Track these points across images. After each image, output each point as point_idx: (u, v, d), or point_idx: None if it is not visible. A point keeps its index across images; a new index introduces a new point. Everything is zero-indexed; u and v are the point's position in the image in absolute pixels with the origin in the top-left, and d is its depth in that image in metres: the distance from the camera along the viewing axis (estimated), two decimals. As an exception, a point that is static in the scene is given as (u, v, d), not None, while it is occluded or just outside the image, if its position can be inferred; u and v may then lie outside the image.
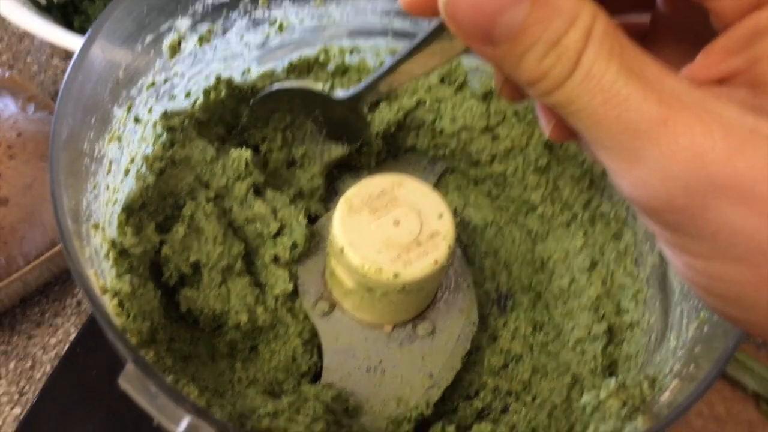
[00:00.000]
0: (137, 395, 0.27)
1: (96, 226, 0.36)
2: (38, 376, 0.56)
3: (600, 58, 0.23)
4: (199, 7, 0.43)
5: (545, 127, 0.31)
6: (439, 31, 0.31)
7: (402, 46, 0.44)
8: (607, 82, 0.23)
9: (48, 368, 0.56)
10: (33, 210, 0.56)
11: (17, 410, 0.54)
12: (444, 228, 0.42)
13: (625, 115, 0.23)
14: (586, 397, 0.35)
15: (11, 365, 0.57)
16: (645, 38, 0.30)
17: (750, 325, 0.26)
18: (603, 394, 0.35)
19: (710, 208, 0.23)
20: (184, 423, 0.27)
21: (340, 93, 0.44)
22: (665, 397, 0.32)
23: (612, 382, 0.35)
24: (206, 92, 0.47)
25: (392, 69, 0.36)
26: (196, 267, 0.44)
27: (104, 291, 0.34)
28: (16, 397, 0.55)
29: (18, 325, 0.59)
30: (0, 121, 0.62)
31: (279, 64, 0.50)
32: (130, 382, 0.27)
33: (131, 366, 0.28)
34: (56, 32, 0.61)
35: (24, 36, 0.76)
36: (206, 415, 0.27)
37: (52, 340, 0.58)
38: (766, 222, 0.23)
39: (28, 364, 0.57)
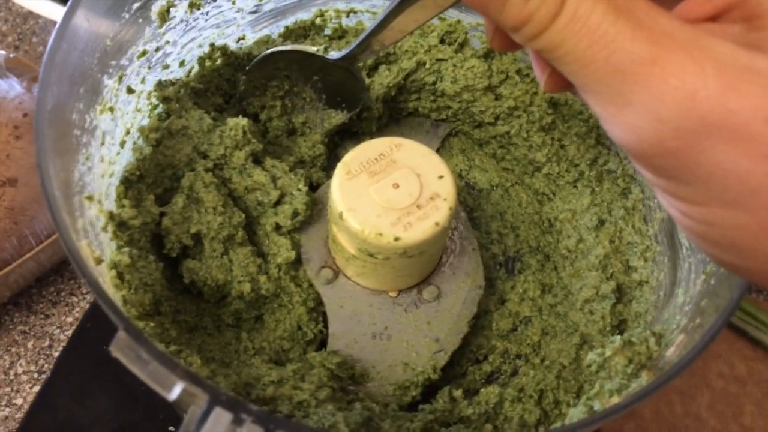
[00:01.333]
0: (129, 362, 0.27)
1: (90, 198, 0.36)
2: (56, 354, 0.56)
3: None
4: (186, -29, 0.42)
5: (540, 78, 0.30)
6: None
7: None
8: (594, 23, 0.22)
9: (64, 346, 0.57)
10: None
11: (37, 388, 0.55)
12: (444, 190, 0.41)
13: (613, 57, 0.22)
14: (591, 356, 0.34)
15: (29, 344, 0.58)
16: None
17: (749, 273, 0.25)
18: (608, 352, 0.34)
19: (702, 150, 0.22)
20: (177, 389, 0.27)
21: (334, 54, 0.43)
22: (671, 352, 0.31)
23: (617, 340, 0.34)
24: (201, 60, 0.46)
25: (383, 24, 0.36)
26: (197, 238, 0.44)
27: (99, 261, 0.33)
28: (36, 375, 0.56)
29: (35, 305, 0.59)
30: (6, 101, 0.62)
31: (274, 30, 0.49)
32: (121, 349, 0.27)
33: (122, 334, 0.28)
34: (59, 11, 0.60)
35: (28, 16, 0.76)
36: (198, 381, 0.27)
37: (69, 319, 0.59)
38: (760, 162, 0.22)
39: (46, 342, 0.58)
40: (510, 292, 0.48)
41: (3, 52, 0.64)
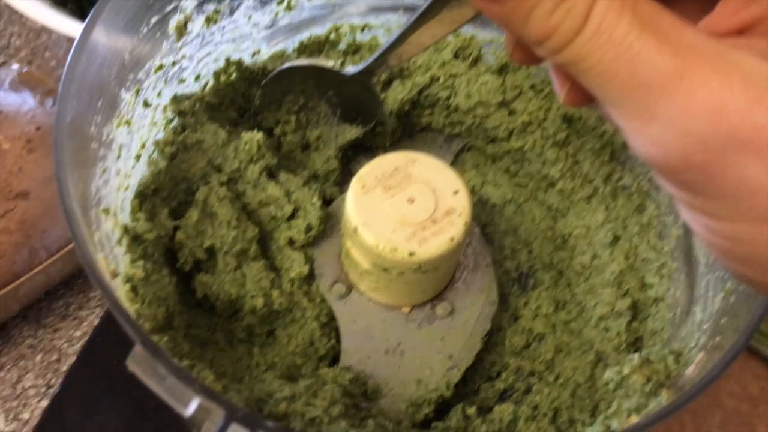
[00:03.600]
0: (145, 377, 0.27)
1: (106, 211, 0.36)
2: (64, 368, 0.56)
3: (611, 11, 0.22)
4: (204, -14, 0.42)
5: (559, 92, 0.30)
6: None
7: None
8: (619, 36, 0.22)
9: (74, 361, 0.57)
10: (54, 203, 0.56)
11: (44, 402, 0.54)
12: (460, 205, 0.41)
13: (639, 70, 0.22)
14: (609, 374, 0.34)
15: (38, 358, 0.57)
16: None
17: None
18: (626, 370, 0.34)
19: (730, 164, 0.22)
20: (194, 404, 0.27)
21: (350, 69, 0.43)
22: (690, 371, 0.31)
23: (635, 358, 0.34)
24: (216, 75, 0.46)
25: (401, 39, 0.36)
26: (211, 252, 0.44)
27: (114, 275, 0.33)
28: (44, 389, 0.56)
29: (44, 319, 0.59)
30: (19, 115, 0.62)
31: (289, 45, 0.49)
32: (138, 364, 0.27)
33: (139, 348, 0.27)
34: (72, 25, 0.61)
35: (42, 31, 0.77)
36: (215, 397, 0.26)
37: (78, 333, 0.59)
38: None
39: (54, 357, 0.58)
40: (523, 308, 0.48)
41: (16, 67, 0.64)
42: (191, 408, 0.27)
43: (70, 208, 0.29)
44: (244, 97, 0.49)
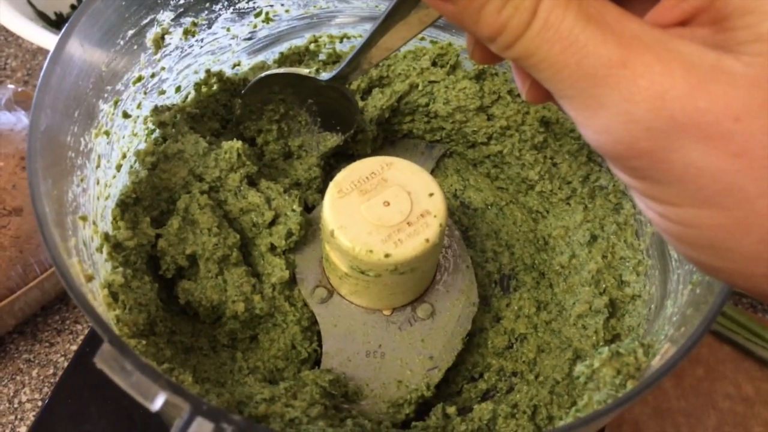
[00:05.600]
0: (113, 374, 0.27)
1: (84, 218, 0.37)
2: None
3: (557, 7, 0.23)
4: (180, -1, 0.43)
5: (522, 89, 0.31)
6: (411, 0, 0.31)
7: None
8: (565, 30, 0.23)
9: (63, 371, 0.57)
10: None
11: (42, 416, 0.55)
12: (435, 207, 0.41)
13: (585, 61, 0.23)
14: (580, 367, 0.34)
15: (34, 373, 0.58)
16: None
17: (728, 274, 0.25)
18: (596, 363, 0.34)
19: (674, 149, 0.22)
20: (160, 399, 0.27)
21: (324, 75, 0.44)
22: (656, 361, 0.31)
23: (605, 351, 0.34)
24: (197, 86, 0.47)
25: (370, 43, 0.37)
26: (193, 259, 0.44)
27: (89, 279, 0.34)
28: (40, 403, 0.56)
29: (39, 333, 0.60)
30: (13, 134, 0.63)
31: (269, 56, 0.50)
32: (105, 361, 0.28)
33: (107, 346, 0.28)
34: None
35: (37, 52, 0.78)
36: (180, 391, 0.27)
37: (73, 347, 0.59)
38: (732, 161, 0.22)
39: (51, 371, 0.58)
40: (505, 309, 0.48)
41: (12, 87, 0.65)
42: (157, 403, 0.27)
43: (42, 213, 0.30)
44: (225, 108, 0.50)
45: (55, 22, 0.73)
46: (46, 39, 0.63)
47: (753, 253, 0.23)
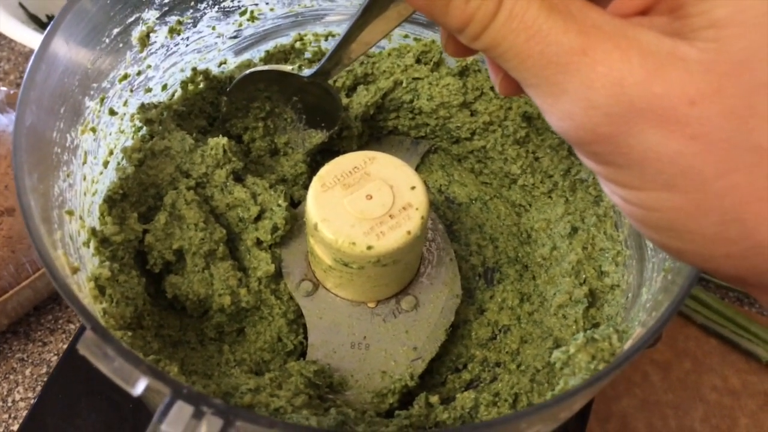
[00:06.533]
0: (95, 360, 0.28)
1: (71, 213, 0.37)
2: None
3: None
4: (164, -3, 0.44)
5: (495, 82, 0.32)
6: None
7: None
8: (530, 19, 0.24)
9: (54, 367, 0.58)
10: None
11: (35, 415, 0.56)
12: (417, 200, 0.42)
13: (548, 50, 0.24)
14: (556, 353, 0.35)
15: (27, 372, 0.59)
16: None
17: (690, 256, 0.26)
18: (572, 349, 0.35)
19: (633, 133, 0.23)
20: (141, 384, 0.28)
21: (306, 72, 0.45)
22: (628, 345, 0.32)
23: (580, 337, 0.35)
24: (184, 84, 0.48)
25: (350, 38, 0.37)
26: (180, 254, 0.45)
27: (75, 271, 0.35)
28: (33, 402, 0.57)
29: (33, 333, 0.61)
30: (6, 135, 0.64)
31: (255, 54, 0.51)
32: (88, 347, 0.28)
33: (90, 333, 0.29)
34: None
35: (30, 54, 0.79)
36: (160, 375, 0.28)
37: (66, 346, 0.60)
38: (688, 144, 0.23)
39: (44, 369, 0.59)
40: (489, 301, 0.49)
41: (4, 89, 0.66)
42: (139, 388, 0.28)
43: (27, 205, 0.31)
44: (212, 105, 0.51)
45: (46, 25, 0.74)
46: (38, 41, 0.63)
47: (712, 234, 0.24)
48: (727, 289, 0.64)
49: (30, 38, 0.65)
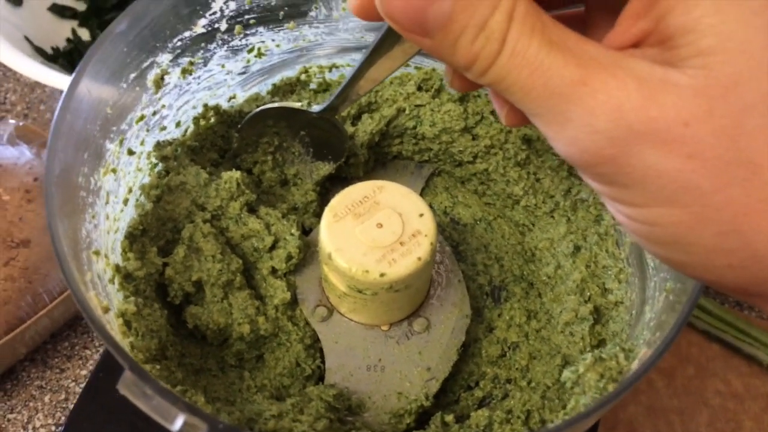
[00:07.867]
0: (135, 398, 0.30)
1: (97, 253, 0.39)
2: (72, 407, 0.58)
3: (523, 36, 0.26)
4: (177, 42, 0.46)
5: (500, 114, 0.33)
6: (394, 35, 0.34)
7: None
8: (531, 55, 0.26)
9: (78, 395, 0.59)
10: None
11: (55, 441, 0.57)
12: (425, 226, 0.44)
13: (550, 82, 0.26)
14: (566, 373, 0.37)
15: (46, 399, 0.60)
16: (584, 24, 0.32)
17: (692, 268, 0.27)
18: (581, 369, 0.36)
19: (634, 154, 0.25)
20: (179, 420, 0.30)
21: (315, 108, 0.47)
22: (635, 365, 0.34)
23: (589, 357, 0.36)
24: (196, 120, 0.50)
25: (358, 76, 0.39)
26: (199, 285, 0.47)
27: (106, 310, 0.36)
28: (53, 428, 0.58)
29: (50, 360, 0.62)
30: (17, 167, 0.65)
31: (263, 88, 0.53)
32: (128, 387, 0.30)
33: (128, 373, 0.30)
34: (64, 79, 0.64)
35: (35, 86, 0.80)
36: (197, 412, 0.29)
37: (83, 372, 0.61)
38: (685, 161, 0.25)
39: (62, 396, 0.60)
40: (497, 319, 0.50)
41: (13, 122, 0.67)
42: (177, 424, 0.30)
43: (61, 251, 0.32)
44: (223, 139, 0.52)
45: (52, 57, 0.75)
46: (45, 75, 0.65)
47: (713, 245, 0.26)
48: (726, 295, 0.65)
49: (37, 72, 0.66)
